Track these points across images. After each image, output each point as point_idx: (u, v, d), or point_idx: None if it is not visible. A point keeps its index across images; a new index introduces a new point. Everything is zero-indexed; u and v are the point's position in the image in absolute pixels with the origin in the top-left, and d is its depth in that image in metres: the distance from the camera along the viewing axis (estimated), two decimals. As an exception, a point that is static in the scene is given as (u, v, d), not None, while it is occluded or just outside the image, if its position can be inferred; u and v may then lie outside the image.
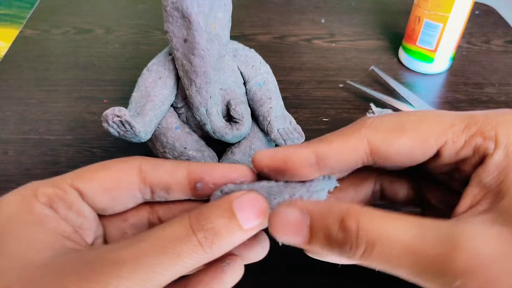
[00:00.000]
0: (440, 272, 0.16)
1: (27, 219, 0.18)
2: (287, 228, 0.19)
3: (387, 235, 0.17)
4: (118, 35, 0.55)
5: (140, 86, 0.32)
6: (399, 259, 0.17)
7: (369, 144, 0.20)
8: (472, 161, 0.19)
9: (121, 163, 0.21)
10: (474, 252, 0.16)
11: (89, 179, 0.20)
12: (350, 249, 0.17)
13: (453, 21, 0.46)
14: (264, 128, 0.35)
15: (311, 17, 0.62)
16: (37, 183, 0.20)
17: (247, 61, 0.34)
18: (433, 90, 0.49)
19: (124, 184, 0.21)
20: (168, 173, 0.21)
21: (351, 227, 0.17)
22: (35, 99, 0.44)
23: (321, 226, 0.18)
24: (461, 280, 0.16)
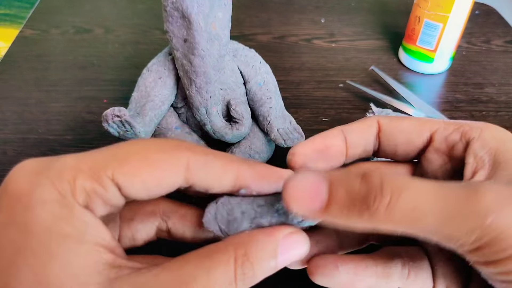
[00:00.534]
0: (471, 212, 0.16)
1: (68, 232, 0.16)
2: (304, 194, 0.17)
3: (411, 185, 0.16)
4: (118, 35, 0.55)
5: (140, 86, 0.32)
6: (428, 205, 0.16)
7: (379, 124, 0.23)
8: (460, 145, 0.21)
9: (168, 158, 0.18)
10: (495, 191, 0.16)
11: (132, 175, 0.18)
12: (375, 199, 0.16)
13: (453, 21, 0.46)
14: (264, 128, 0.35)
15: (311, 17, 0.61)
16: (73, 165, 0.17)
17: (247, 61, 0.34)
18: (433, 90, 0.49)
19: (166, 185, 0.19)
20: (216, 177, 0.19)
21: (374, 179, 0.17)
22: (34, 99, 0.44)
23: (341, 183, 0.17)
24: (492, 215, 0.15)
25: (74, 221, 0.17)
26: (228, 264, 0.17)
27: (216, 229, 0.20)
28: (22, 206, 0.16)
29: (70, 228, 0.16)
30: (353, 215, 0.17)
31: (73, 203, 0.17)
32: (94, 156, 0.18)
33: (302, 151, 0.22)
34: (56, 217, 0.16)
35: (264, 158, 0.36)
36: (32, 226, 0.16)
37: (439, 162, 0.22)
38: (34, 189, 0.17)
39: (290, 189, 0.18)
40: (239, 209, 0.20)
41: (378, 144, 0.23)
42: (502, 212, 0.16)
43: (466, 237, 0.16)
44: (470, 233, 0.16)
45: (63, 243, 0.16)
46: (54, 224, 0.16)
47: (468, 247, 0.16)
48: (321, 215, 0.18)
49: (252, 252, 0.18)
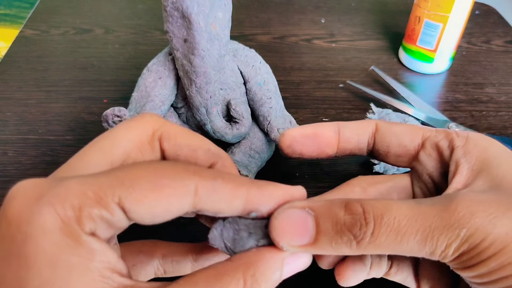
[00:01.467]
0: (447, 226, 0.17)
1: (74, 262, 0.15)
2: (291, 229, 0.18)
3: (391, 208, 0.18)
4: (118, 35, 0.55)
5: (140, 86, 0.32)
6: (407, 226, 0.17)
7: (376, 126, 0.24)
8: (447, 152, 0.22)
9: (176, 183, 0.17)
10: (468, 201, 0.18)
11: (139, 201, 0.17)
12: (360, 228, 0.17)
13: (453, 21, 0.46)
14: (264, 128, 0.35)
15: (311, 17, 0.61)
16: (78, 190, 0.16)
17: (247, 61, 0.34)
18: (433, 90, 0.49)
19: (174, 211, 0.18)
20: (225, 202, 0.18)
21: (356, 209, 0.18)
22: (34, 99, 0.44)
23: (326, 216, 0.18)
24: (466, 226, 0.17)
25: (80, 250, 0.16)
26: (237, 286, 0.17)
27: (221, 246, 0.20)
28: (22, 235, 0.15)
29: (75, 258, 0.15)
30: (342, 245, 0.18)
31: (78, 232, 0.16)
32: (100, 180, 0.17)
33: (291, 133, 0.23)
34: (60, 248, 0.15)
35: (264, 158, 0.36)
36: (34, 259, 0.15)
37: (433, 165, 0.23)
38: (34, 216, 0.15)
39: (276, 225, 0.18)
40: (246, 230, 0.19)
41: (373, 143, 0.24)
42: (474, 220, 0.17)
43: (446, 250, 0.17)
44: (448, 248, 0.17)
45: (67, 276, 0.15)
46: (58, 256, 0.15)
47: (448, 259, 0.18)
48: (310, 248, 0.18)
49: (261, 272, 0.18)
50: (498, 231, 0.17)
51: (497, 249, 0.17)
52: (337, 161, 0.38)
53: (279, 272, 0.18)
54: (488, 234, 0.17)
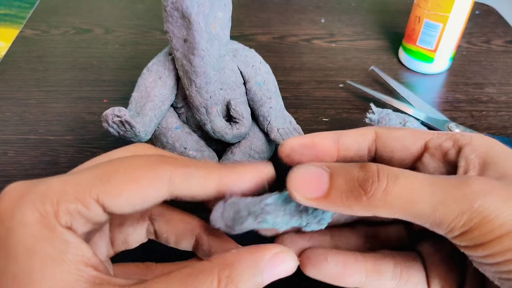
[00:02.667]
0: (460, 196, 0.17)
1: (49, 252, 0.16)
2: (307, 182, 0.19)
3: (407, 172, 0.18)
4: (118, 35, 0.55)
5: (140, 86, 0.32)
6: (420, 190, 0.17)
7: (376, 133, 0.24)
8: (452, 151, 0.22)
9: (150, 174, 0.19)
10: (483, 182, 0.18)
11: (116, 194, 0.18)
12: (372, 184, 0.18)
13: (453, 21, 0.46)
14: (264, 128, 0.35)
15: (311, 17, 0.61)
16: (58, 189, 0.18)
17: (247, 61, 0.34)
18: (433, 90, 0.49)
19: (151, 200, 0.19)
20: (199, 187, 0.20)
21: (371, 167, 0.18)
22: (34, 99, 0.44)
23: (341, 172, 0.19)
24: (481, 199, 0.17)
25: (55, 241, 0.17)
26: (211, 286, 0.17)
27: (222, 225, 0.21)
28: (5, 229, 0.17)
29: (51, 248, 0.17)
30: (352, 200, 0.18)
31: (54, 224, 0.17)
32: (79, 178, 0.18)
33: (289, 143, 0.23)
34: (37, 238, 0.16)
35: (264, 158, 0.36)
36: (14, 249, 0.16)
37: (434, 166, 0.23)
38: (16, 212, 0.17)
39: (293, 177, 0.19)
40: (246, 209, 0.20)
41: (375, 150, 0.24)
42: (489, 197, 0.17)
43: (456, 220, 0.17)
44: (459, 217, 0.17)
45: (43, 265, 0.16)
46: (34, 246, 0.16)
47: (457, 231, 0.18)
48: (322, 202, 0.19)
49: (237, 273, 0.18)
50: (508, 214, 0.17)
51: (503, 232, 0.17)
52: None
53: (259, 275, 0.18)
54: (502, 211, 0.17)
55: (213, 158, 0.34)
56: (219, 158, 0.35)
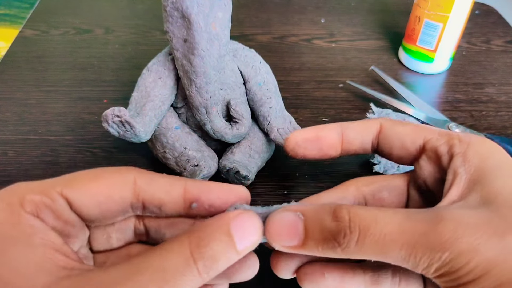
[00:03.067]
0: (430, 247, 0.17)
1: (15, 235, 0.17)
2: (282, 231, 0.19)
3: (378, 219, 0.18)
4: (118, 35, 0.55)
5: (140, 86, 0.32)
6: (392, 240, 0.18)
7: (380, 126, 0.24)
8: (446, 157, 0.22)
9: (115, 175, 0.20)
10: (456, 223, 0.18)
11: (79, 189, 0.19)
12: (344, 237, 0.18)
13: (453, 21, 0.46)
14: (264, 128, 0.35)
15: (311, 17, 0.61)
16: (25, 187, 0.19)
17: (247, 61, 0.34)
18: (433, 90, 0.49)
19: (116, 198, 0.20)
20: (164, 191, 0.21)
21: (343, 217, 0.18)
22: (34, 99, 0.44)
23: (314, 221, 0.19)
24: (449, 250, 0.17)
25: (21, 225, 0.17)
26: (182, 245, 0.17)
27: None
28: None
29: (17, 231, 0.17)
30: (328, 249, 0.19)
31: (19, 210, 0.18)
32: (46, 181, 0.19)
33: (294, 137, 0.24)
34: (4, 222, 0.17)
35: (264, 158, 0.36)
36: None
37: (430, 170, 0.23)
38: None
39: (270, 227, 0.19)
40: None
41: (377, 144, 0.24)
42: (459, 244, 0.17)
43: (427, 268, 0.18)
44: (430, 266, 0.17)
45: (10, 246, 0.17)
46: (2, 229, 0.17)
47: (431, 275, 0.18)
48: (299, 250, 0.19)
49: (205, 232, 0.18)
50: (481, 257, 0.17)
51: (478, 274, 0.17)
52: (337, 161, 0.38)
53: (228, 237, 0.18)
54: (471, 259, 0.17)
55: (213, 158, 0.34)
56: (219, 158, 0.35)
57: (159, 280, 0.16)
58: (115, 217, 0.21)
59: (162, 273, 0.17)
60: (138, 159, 0.38)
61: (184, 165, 0.33)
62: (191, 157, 0.33)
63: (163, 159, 0.34)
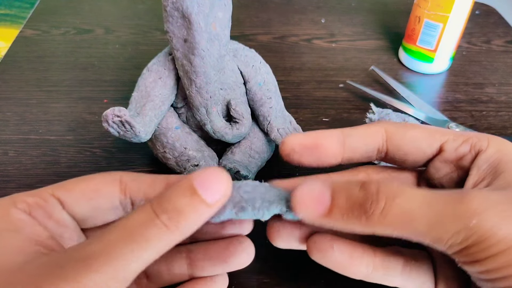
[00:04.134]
0: (457, 215, 0.17)
1: (1, 226, 0.18)
2: (309, 200, 0.19)
3: (405, 191, 0.18)
4: (118, 35, 0.55)
5: (140, 86, 0.32)
6: (418, 210, 0.18)
7: (386, 132, 0.23)
8: (469, 156, 0.22)
9: (102, 176, 0.22)
10: (482, 196, 0.18)
11: (70, 189, 0.21)
12: (371, 205, 0.18)
13: (453, 21, 0.46)
14: (264, 128, 0.35)
15: (311, 17, 0.62)
16: (18, 194, 0.20)
17: (247, 61, 0.34)
18: (433, 90, 0.49)
19: (105, 193, 0.21)
20: (147, 185, 0.22)
21: (371, 187, 0.19)
22: (35, 99, 0.44)
23: (342, 190, 0.19)
24: (476, 218, 0.17)
25: (9, 218, 0.19)
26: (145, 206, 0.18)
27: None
28: None
29: (4, 223, 0.19)
30: (352, 219, 0.19)
31: (11, 208, 0.19)
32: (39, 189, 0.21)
33: (290, 142, 0.23)
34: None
35: (264, 158, 0.36)
36: None
37: (446, 170, 0.23)
38: None
39: (297, 196, 0.19)
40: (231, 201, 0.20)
41: (386, 151, 0.23)
42: (486, 214, 0.17)
43: (453, 239, 0.17)
44: (455, 236, 0.17)
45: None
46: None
47: (455, 248, 0.18)
48: (324, 219, 0.19)
49: (167, 192, 0.18)
50: (508, 230, 0.17)
51: (508, 245, 0.17)
52: (337, 161, 0.38)
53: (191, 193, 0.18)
54: (499, 229, 0.17)
55: (213, 158, 0.34)
56: (219, 158, 0.35)
57: (126, 235, 0.17)
58: (106, 214, 0.22)
59: (128, 229, 0.17)
60: (138, 159, 0.38)
61: (184, 165, 0.33)
62: (191, 157, 0.33)
63: (163, 159, 0.34)
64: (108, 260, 0.16)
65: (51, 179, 0.36)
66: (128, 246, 0.17)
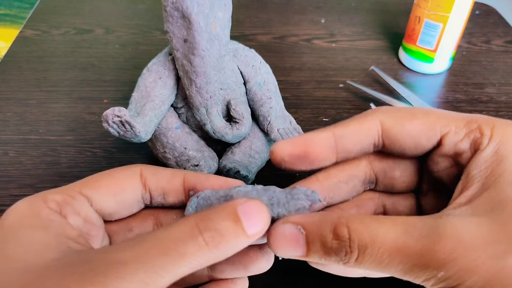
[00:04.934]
0: (425, 265, 0.17)
1: (32, 223, 0.19)
2: (284, 243, 0.20)
3: (376, 237, 0.18)
4: (118, 35, 0.55)
5: (140, 86, 0.32)
6: (389, 258, 0.18)
7: (382, 125, 0.22)
8: (467, 154, 0.21)
9: (124, 170, 0.23)
10: (455, 241, 0.17)
11: (96, 186, 0.22)
12: (345, 255, 0.19)
13: (453, 21, 0.46)
14: (264, 128, 0.35)
15: (311, 17, 0.62)
16: (47, 191, 0.20)
17: (247, 61, 0.34)
18: (433, 90, 0.49)
19: (128, 188, 0.22)
20: (166, 180, 0.23)
21: (343, 235, 0.19)
22: (35, 99, 0.44)
23: (316, 237, 0.19)
24: (444, 270, 0.17)
25: (41, 217, 0.19)
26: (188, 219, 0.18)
27: None
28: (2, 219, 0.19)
29: (36, 221, 0.19)
30: (330, 262, 0.19)
31: (42, 206, 0.19)
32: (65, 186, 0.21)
33: (279, 152, 0.22)
34: (24, 215, 0.19)
35: (264, 158, 0.36)
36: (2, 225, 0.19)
37: (445, 165, 0.22)
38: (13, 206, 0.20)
39: (272, 239, 0.20)
40: (218, 203, 0.21)
41: (382, 145, 0.22)
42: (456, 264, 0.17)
43: (426, 282, 0.18)
44: (427, 282, 0.18)
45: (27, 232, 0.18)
46: (21, 219, 0.19)
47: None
48: (304, 258, 0.20)
49: (211, 211, 0.18)
50: (478, 277, 0.17)
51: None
52: (337, 161, 0.38)
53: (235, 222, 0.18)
54: (468, 278, 0.17)
55: (213, 158, 0.34)
56: (219, 158, 0.35)
57: (162, 247, 0.17)
58: (130, 207, 0.23)
59: (165, 241, 0.17)
60: (138, 159, 0.38)
61: (184, 165, 0.33)
62: (191, 157, 0.33)
63: (163, 159, 0.34)
64: (137, 270, 0.16)
65: (52, 179, 0.36)
66: (161, 258, 0.16)
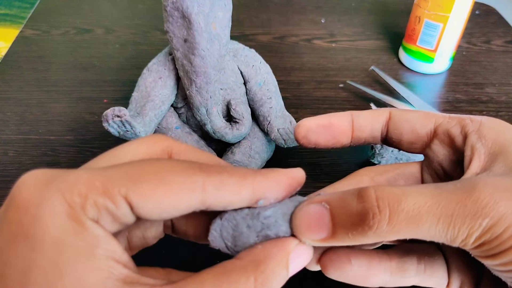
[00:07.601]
0: (469, 215, 0.17)
1: (78, 245, 0.16)
2: (310, 225, 0.18)
3: (408, 193, 0.17)
4: (118, 35, 0.55)
5: (140, 86, 0.32)
6: (427, 214, 0.17)
7: (390, 114, 0.24)
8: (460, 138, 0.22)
9: (183, 179, 0.18)
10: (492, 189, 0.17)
11: (146, 196, 0.17)
12: (373, 217, 0.17)
13: (453, 21, 0.46)
14: (264, 128, 0.35)
15: (311, 17, 0.62)
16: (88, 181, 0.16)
17: (247, 61, 0.34)
18: (433, 90, 0.49)
19: (181, 207, 0.18)
20: (233, 194, 0.18)
21: (370, 196, 0.17)
22: (35, 99, 0.44)
23: (340, 207, 0.18)
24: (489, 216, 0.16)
25: (85, 235, 0.16)
26: (247, 283, 0.17)
27: (222, 246, 0.20)
28: (30, 217, 0.16)
29: (80, 242, 0.16)
30: (359, 236, 0.18)
31: (83, 217, 0.16)
32: (109, 173, 0.17)
33: (307, 123, 0.24)
34: (66, 230, 0.15)
35: (264, 158, 0.36)
36: (41, 240, 0.15)
37: (444, 153, 0.23)
38: (43, 200, 0.16)
39: (297, 222, 0.19)
40: (244, 223, 0.19)
41: (386, 131, 0.25)
42: (498, 209, 0.17)
43: (467, 238, 0.17)
44: (469, 236, 0.17)
45: (73, 259, 0.15)
46: (64, 238, 0.15)
47: (470, 246, 0.17)
48: (330, 241, 0.18)
49: (269, 268, 0.18)
50: None
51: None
52: (337, 161, 0.38)
53: (286, 271, 0.18)
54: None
55: (213, 158, 0.34)
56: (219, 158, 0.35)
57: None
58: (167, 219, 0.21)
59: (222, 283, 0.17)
60: (139, 159, 0.38)
61: (184, 165, 0.33)
62: (191, 157, 0.33)
63: (163, 159, 0.34)
64: None
65: (51, 179, 0.36)
66: None
